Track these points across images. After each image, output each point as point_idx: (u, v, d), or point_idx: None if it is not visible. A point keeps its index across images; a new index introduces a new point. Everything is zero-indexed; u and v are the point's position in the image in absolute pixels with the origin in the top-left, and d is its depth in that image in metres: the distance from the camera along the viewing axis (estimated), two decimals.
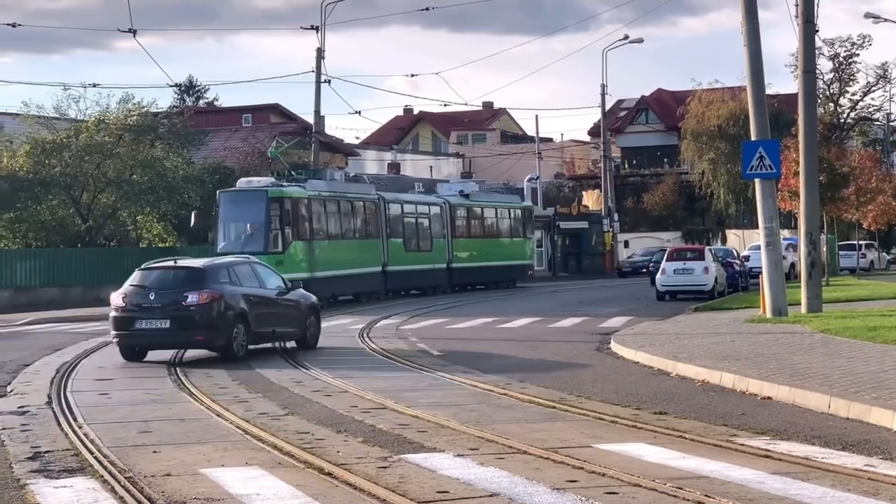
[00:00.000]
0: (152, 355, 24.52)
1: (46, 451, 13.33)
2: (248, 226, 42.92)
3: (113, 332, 25.07)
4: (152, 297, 24.85)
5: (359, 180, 64.72)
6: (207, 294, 24.57)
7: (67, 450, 13.45)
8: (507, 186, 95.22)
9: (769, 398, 16.57)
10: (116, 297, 24.93)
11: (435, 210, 58.40)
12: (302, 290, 28.67)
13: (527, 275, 67.77)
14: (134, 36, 45.64)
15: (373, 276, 49.96)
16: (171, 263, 27.21)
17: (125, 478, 11.43)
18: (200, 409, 16.73)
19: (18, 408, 17.21)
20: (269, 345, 26.89)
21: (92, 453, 12.96)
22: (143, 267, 26.80)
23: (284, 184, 45.91)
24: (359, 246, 50.26)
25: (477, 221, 63.31)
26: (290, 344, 27.21)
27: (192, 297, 24.47)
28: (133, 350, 25.10)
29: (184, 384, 19.67)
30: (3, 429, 15.24)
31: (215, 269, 26.06)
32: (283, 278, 27.90)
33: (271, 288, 26.88)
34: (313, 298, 28.74)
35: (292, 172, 48.19)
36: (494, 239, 63.84)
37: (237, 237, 43.39)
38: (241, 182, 46.67)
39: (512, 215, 66.35)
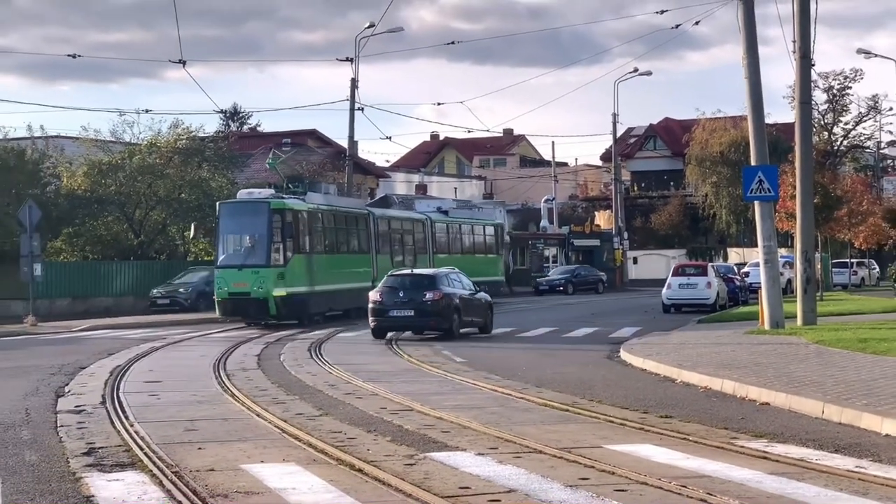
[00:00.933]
0: (193, 358, 24.44)
1: (100, 447, 13.36)
2: (250, 238, 39.19)
3: (371, 319, 33.04)
4: (401, 295, 32.93)
5: (388, 199, 64.17)
6: (438, 293, 32.70)
7: (119, 446, 13.48)
8: (524, 207, 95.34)
9: (767, 404, 16.53)
10: (374, 294, 33.46)
11: (418, 226, 53.82)
12: (483, 293, 36.43)
13: (500, 292, 59.92)
14: (184, 66, 44.99)
15: (363, 291, 40.81)
16: (410, 272, 37.40)
17: (172, 472, 11.44)
18: (241, 410, 16.73)
19: (75, 407, 17.26)
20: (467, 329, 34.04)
21: (142, 449, 12.99)
22: (390, 274, 36.25)
23: (285, 196, 41.72)
24: (352, 261, 45.87)
25: (455, 238, 58.00)
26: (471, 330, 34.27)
27: (428, 295, 32.66)
28: (384, 331, 33.06)
29: (227, 387, 19.65)
30: (61, 426, 15.30)
31: (441, 276, 34.42)
32: (472, 283, 35.96)
33: (469, 290, 35.06)
34: (489, 298, 36.97)
35: (289, 185, 44.10)
36: (471, 255, 58.03)
37: (238, 249, 39.75)
38: (242, 193, 42.22)
39: (486, 232, 62.23)
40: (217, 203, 41.76)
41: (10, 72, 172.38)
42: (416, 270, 39.40)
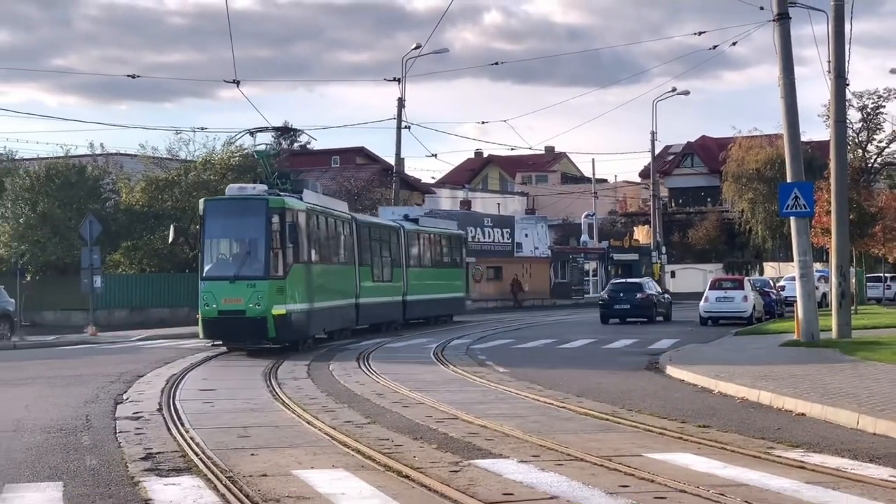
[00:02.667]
0: (245, 367, 24.48)
1: (157, 453, 13.43)
2: (244, 243, 30.29)
3: (600, 310, 48.75)
4: (621, 295, 48.58)
5: (436, 215, 62.67)
6: (644, 294, 48.47)
7: (175, 451, 13.55)
8: (565, 222, 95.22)
9: (803, 414, 16.41)
10: (604, 293, 50.32)
11: (393, 236, 45.36)
12: (666, 295, 50.85)
13: (463, 309, 55.50)
14: (237, 86, 44.42)
15: (348, 309, 37.02)
16: (626, 281, 53.00)
17: (226, 477, 11.49)
18: (292, 417, 16.77)
19: (133, 413, 17.38)
20: None
21: (197, 455, 13.05)
22: (612, 282, 53.72)
23: (281, 193, 32.30)
24: (341, 272, 36.76)
25: (425, 250, 49.80)
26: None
27: (639, 295, 48.12)
28: (608, 318, 47.96)
29: (278, 395, 19.70)
30: (120, 432, 15.38)
31: (646, 282, 51.92)
32: (658, 285, 51.64)
33: (658, 293, 50.94)
34: (669, 297, 53.05)
35: (278, 181, 34.36)
36: (438, 269, 50.83)
37: (229, 257, 30.44)
38: (232, 189, 32.35)
39: (451, 244, 54.48)
40: (201, 200, 32.52)
41: (70, 92, 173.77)
42: (629, 280, 55.29)
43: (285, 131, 35.33)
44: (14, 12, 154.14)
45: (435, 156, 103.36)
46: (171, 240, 35.62)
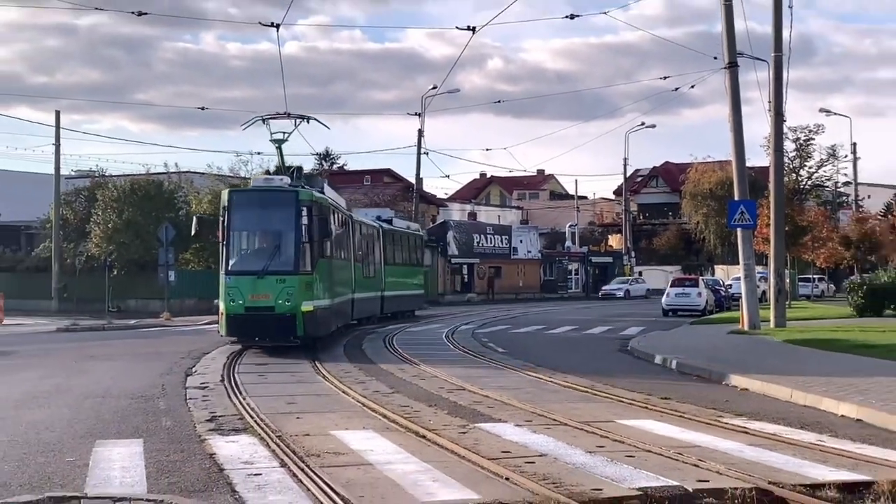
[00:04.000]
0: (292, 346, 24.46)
1: (220, 416, 13.48)
2: (272, 236, 24.40)
3: (663, 303, 46.00)
4: (680, 292, 46.25)
5: (446, 225, 61.96)
6: (703, 293, 46.14)
7: (235, 415, 13.60)
8: (552, 231, 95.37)
9: (746, 389, 16.48)
10: (668, 289, 47.36)
11: (376, 235, 38.59)
12: (712, 290, 49.05)
13: (423, 305, 49.58)
14: (287, 117, 44.86)
15: (349, 304, 31.09)
16: (687, 276, 54.12)
17: (276, 436, 11.52)
18: (331, 388, 16.79)
19: (200, 384, 17.41)
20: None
21: (252, 418, 13.09)
22: (672, 282, 48.97)
23: (305, 186, 26.63)
24: (345, 268, 30.32)
25: (396, 249, 42.62)
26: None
27: (694, 293, 45.99)
28: (668, 314, 44.42)
29: (320, 370, 19.68)
30: (190, 399, 15.44)
31: (701, 281, 48.28)
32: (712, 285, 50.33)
33: (712, 288, 49.52)
34: (719, 289, 52.67)
35: (294, 172, 27.93)
36: (406, 267, 44.35)
37: (256, 251, 24.58)
38: (258, 180, 26.79)
39: (416, 245, 48.14)
40: (225, 191, 26.00)
41: (150, 121, 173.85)
42: (686, 275, 59.10)
43: (300, 117, 27.55)
44: (105, 56, 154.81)
45: (448, 176, 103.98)
46: (193, 232, 28.53)
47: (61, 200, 56.48)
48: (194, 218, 29.48)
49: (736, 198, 30.06)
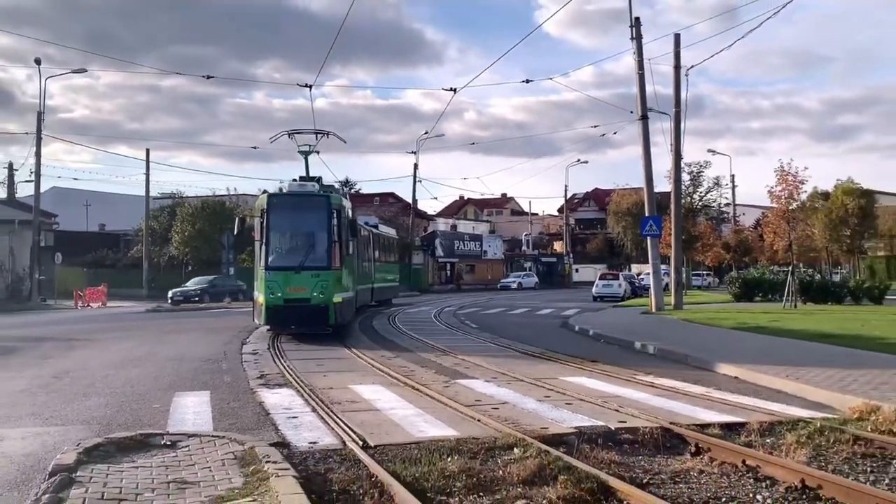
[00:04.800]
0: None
1: (267, 374, 13.44)
2: (307, 236, 21.31)
3: (593, 295, 43.15)
4: (606, 283, 44.33)
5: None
6: (622, 284, 43.31)
7: (278, 373, 13.55)
8: (513, 238, 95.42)
9: (654, 354, 16.47)
10: (597, 282, 44.17)
11: (370, 237, 33.10)
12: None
13: (398, 295, 43.99)
14: (318, 155, 44.20)
15: (352, 302, 25.13)
16: (611, 271, 48.13)
17: (308, 389, 11.51)
18: (349, 354, 16.72)
19: (252, 351, 17.35)
20: None
21: (291, 376, 13.06)
22: (600, 276, 44.65)
23: (334, 191, 24.10)
24: (355, 265, 25.37)
25: (382, 249, 36.64)
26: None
27: (615, 285, 43.92)
28: (597, 300, 42.05)
29: (341, 342, 19.60)
30: (244, 361, 15.39)
31: (621, 275, 44.20)
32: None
33: (635, 280, 46.39)
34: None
35: (318, 179, 24.23)
36: (388, 264, 38.95)
37: (292, 249, 21.31)
38: (293, 185, 22.78)
39: (394, 245, 42.56)
40: (263, 195, 22.15)
41: (215, 157, 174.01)
42: (611, 272, 52.96)
43: (321, 132, 24.32)
44: (182, 108, 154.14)
45: (436, 198, 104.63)
46: (236, 231, 24.57)
47: (150, 215, 56.34)
48: (236, 218, 25.94)
49: (647, 214, 30.15)
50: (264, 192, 21.85)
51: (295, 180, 21.78)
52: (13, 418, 9.79)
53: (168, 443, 7.98)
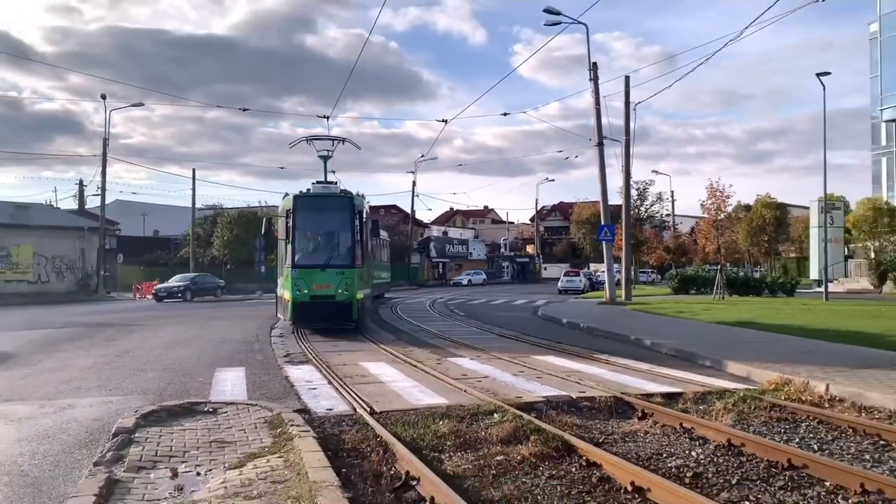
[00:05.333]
0: None
1: (291, 353, 13.37)
2: (332, 235, 18.66)
3: (559, 288, 39.73)
4: (569, 279, 41.52)
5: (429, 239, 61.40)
6: (583, 280, 41.86)
7: (300, 353, 13.47)
8: (493, 243, 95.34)
9: (608, 337, 16.43)
10: (562, 278, 40.49)
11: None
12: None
13: (389, 290, 39.51)
14: (334, 174, 42.74)
15: (368, 299, 22.12)
16: (573, 269, 42.52)
17: (325, 366, 11.45)
18: (360, 337, 16.61)
19: (279, 334, 17.26)
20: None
21: (311, 354, 12.98)
22: (564, 272, 44.09)
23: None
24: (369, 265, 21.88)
25: (378, 249, 29.85)
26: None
27: (577, 280, 42.20)
28: (562, 293, 38.33)
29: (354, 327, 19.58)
30: (273, 343, 15.30)
31: (582, 273, 40.33)
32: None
33: (593, 276, 41.18)
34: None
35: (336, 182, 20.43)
36: (383, 263, 35.00)
37: (318, 248, 18.66)
38: (317, 187, 19.50)
39: (386, 245, 37.12)
40: (289, 196, 19.03)
41: (249, 175, 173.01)
42: (573, 269, 48.70)
43: (337, 139, 21.63)
44: (222, 135, 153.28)
45: (430, 209, 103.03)
46: (263, 230, 21.90)
47: (196, 223, 56.05)
48: (264, 219, 21.98)
49: (602, 223, 30.13)
50: (286, 195, 18.61)
51: (316, 183, 18.85)
52: (83, 389, 9.74)
53: (210, 409, 7.95)
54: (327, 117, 27.78)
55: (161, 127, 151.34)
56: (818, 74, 28.70)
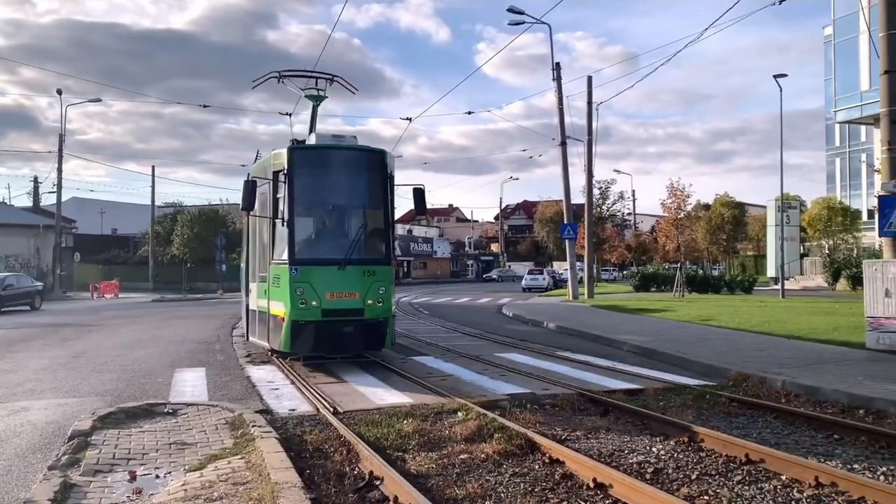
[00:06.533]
0: None
1: (252, 354, 13.17)
2: (353, 213, 10.35)
3: (523, 286, 36.41)
4: (533, 276, 38.81)
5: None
6: (546, 277, 37.87)
7: (262, 354, 13.34)
8: (458, 241, 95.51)
9: (571, 334, 16.48)
10: (526, 276, 38.11)
11: None
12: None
13: None
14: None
15: None
16: (537, 267, 39.61)
17: (287, 366, 11.31)
18: None
19: (241, 334, 16.95)
20: None
21: (273, 356, 12.86)
22: (528, 270, 38.84)
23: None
24: None
25: None
26: None
27: (541, 278, 38.20)
28: (525, 290, 35.30)
29: None
30: (234, 343, 15.10)
31: (545, 270, 37.15)
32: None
33: (556, 274, 39.29)
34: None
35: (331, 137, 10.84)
36: None
37: (330, 232, 10.33)
38: (324, 137, 10.52)
39: None
40: (278, 151, 10.50)
41: (210, 172, 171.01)
42: (537, 267, 43.65)
43: (326, 76, 12.85)
44: (181, 132, 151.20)
45: (395, 208, 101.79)
46: (247, 202, 10.63)
47: (155, 221, 55.16)
48: (248, 182, 11.18)
49: (565, 222, 30.35)
50: (273, 151, 11.16)
51: (318, 134, 11.36)
52: (37, 392, 9.50)
53: (170, 411, 7.82)
54: (290, 115, 27.43)
55: (118, 123, 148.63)
56: (775, 76, 29.32)
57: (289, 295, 10.07)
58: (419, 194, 11.49)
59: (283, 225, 10.31)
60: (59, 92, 41.29)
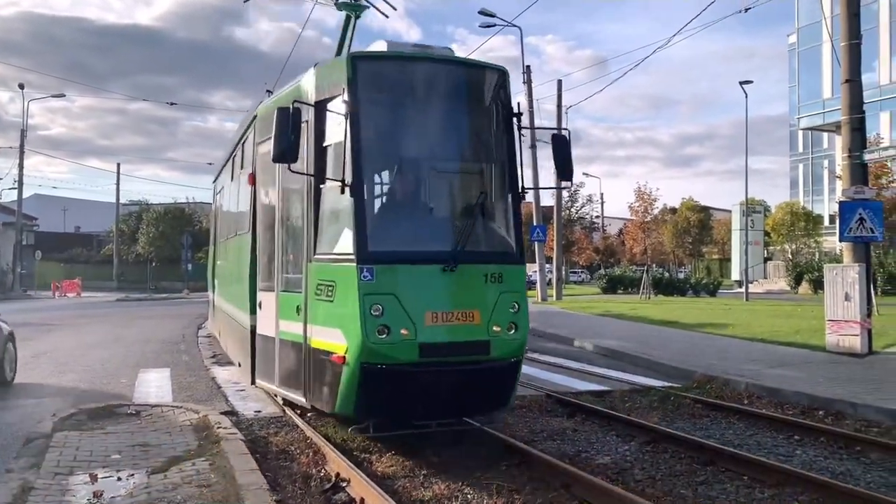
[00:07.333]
0: None
1: (218, 355, 12.98)
2: (467, 179, 5.10)
3: None
4: None
5: None
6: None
7: (226, 355, 13.21)
8: None
9: (540, 336, 16.35)
10: None
11: None
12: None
13: None
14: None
15: None
16: None
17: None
18: None
19: (206, 335, 16.78)
20: None
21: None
22: None
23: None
24: None
25: None
26: None
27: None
28: None
29: None
30: (200, 344, 14.92)
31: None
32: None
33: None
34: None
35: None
36: None
37: (431, 208, 5.02)
38: (405, 47, 4.92)
39: None
40: (335, 62, 5.23)
41: (176, 170, 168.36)
42: None
43: None
44: (147, 128, 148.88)
45: None
46: (277, 149, 5.56)
47: (120, 219, 54.35)
48: (282, 111, 5.45)
49: (535, 224, 30.53)
50: (315, 65, 6.18)
51: (389, 43, 6.21)
52: None
53: (133, 412, 7.70)
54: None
55: (82, 119, 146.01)
56: (741, 83, 29.88)
57: (358, 316, 5.50)
58: (562, 143, 6.62)
59: (342, 192, 5.62)
60: (21, 86, 40.56)
